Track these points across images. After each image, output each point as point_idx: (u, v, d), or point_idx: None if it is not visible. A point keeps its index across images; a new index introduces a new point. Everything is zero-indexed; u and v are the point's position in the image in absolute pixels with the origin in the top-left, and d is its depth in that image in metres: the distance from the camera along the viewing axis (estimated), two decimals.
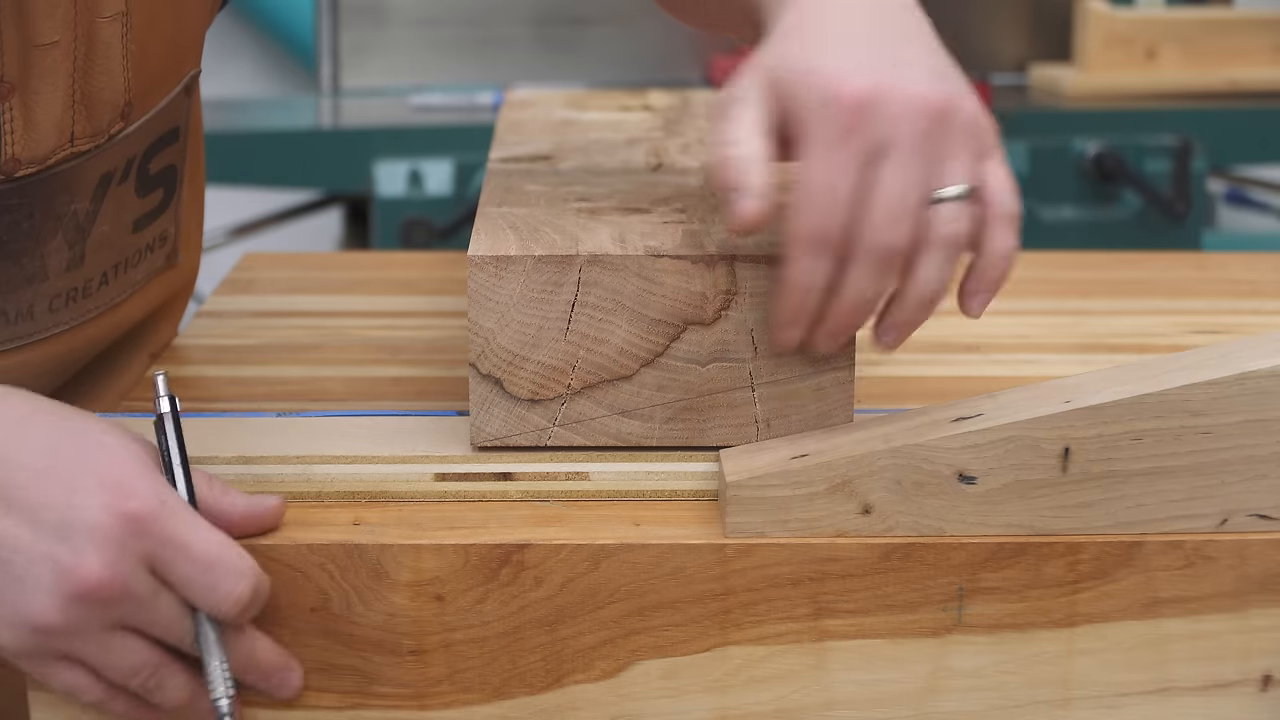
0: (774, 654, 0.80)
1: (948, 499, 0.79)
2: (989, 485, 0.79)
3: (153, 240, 1.04)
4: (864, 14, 0.81)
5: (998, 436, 0.79)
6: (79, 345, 1.03)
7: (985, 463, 0.79)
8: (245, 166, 2.46)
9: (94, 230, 0.98)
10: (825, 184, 0.76)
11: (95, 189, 0.97)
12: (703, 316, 0.83)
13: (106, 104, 0.94)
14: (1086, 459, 0.79)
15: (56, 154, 0.93)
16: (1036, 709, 0.81)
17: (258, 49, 3.65)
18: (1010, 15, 2.93)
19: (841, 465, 0.79)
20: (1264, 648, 0.81)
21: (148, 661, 0.76)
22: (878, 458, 0.79)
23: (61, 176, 0.95)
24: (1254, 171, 2.92)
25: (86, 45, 0.92)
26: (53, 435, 0.76)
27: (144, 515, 0.74)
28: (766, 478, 0.79)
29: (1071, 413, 0.79)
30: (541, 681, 0.80)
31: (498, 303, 0.82)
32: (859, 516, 0.80)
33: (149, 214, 1.03)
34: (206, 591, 0.75)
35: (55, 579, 0.73)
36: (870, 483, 0.79)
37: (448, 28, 2.85)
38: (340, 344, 1.12)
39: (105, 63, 0.93)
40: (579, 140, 1.15)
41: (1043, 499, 0.79)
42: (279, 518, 0.80)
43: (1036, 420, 0.79)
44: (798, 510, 0.79)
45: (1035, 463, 0.79)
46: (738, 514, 0.79)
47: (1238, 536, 0.80)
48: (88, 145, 0.94)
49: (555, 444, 0.85)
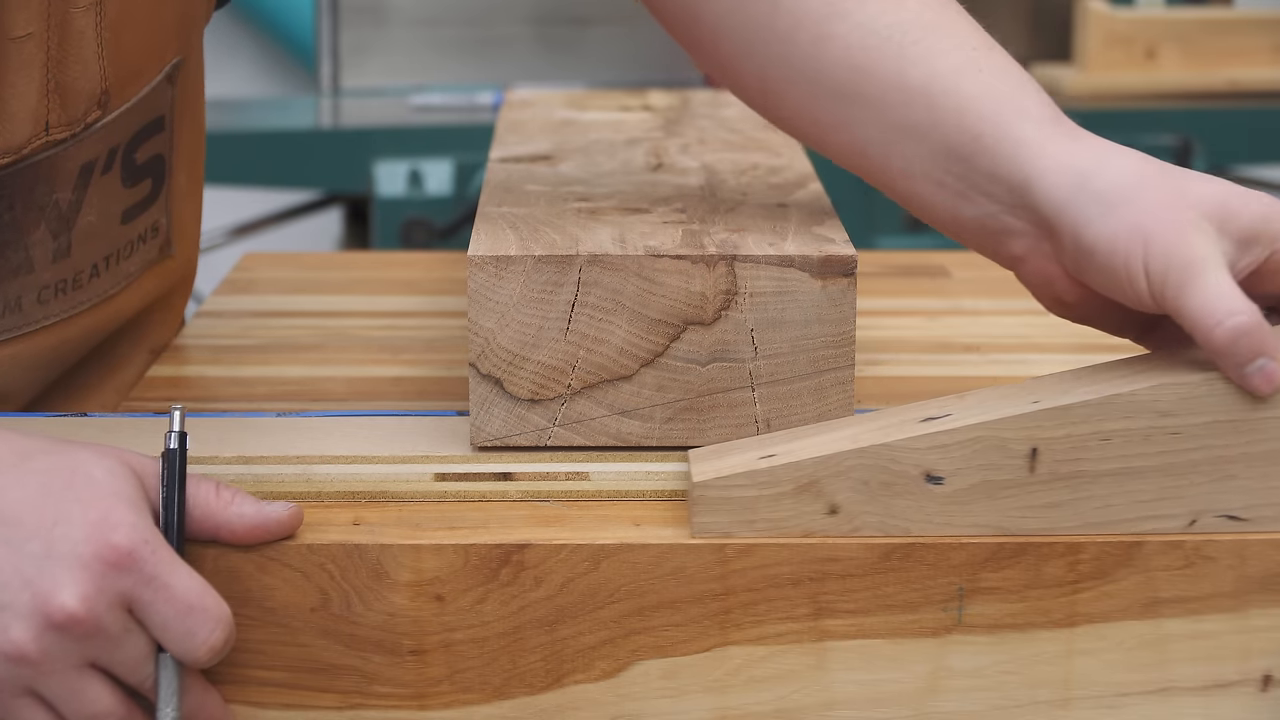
0: (774, 654, 0.80)
1: (915, 499, 0.79)
2: (956, 485, 0.79)
3: (144, 231, 1.04)
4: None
5: (965, 437, 0.79)
6: (72, 338, 1.03)
7: (952, 463, 0.79)
8: (245, 166, 2.47)
9: (79, 221, 0.98)
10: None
11: (77, 179, 0.97)
12: (703, 316, 0.83)
13: (82, 93, 0.94)
14: (1054, 459, 0.79)
15: (32, 143, 0.93)
16: (1036, 709, 0.81)
17: (258, 49, 3.65)
18: (1010, 15, 2.93)
19: (808, 465, 0.79)
20: (1264, 648, 0.81)
21: (112, 711, 0.75)
22: (845, 458, 0.79)
23: (40, 166, 0.94)
24: (1254, 171, 2.92)
25: (60, 35, 0.92)
26: (47, 471, 0.75)
27: (126, 552, 0.74)
28: (733, 478, 0.79)
29: (1039, 413, 0.79)
30: (541, 681, 0.80)
31: (498, 303, 0.82)
32: (826, 517, 0.79)
33: (138, 205, 1.03)
34: (184, 636, 0.75)
35: (33, 608, 0.73)
36: (837, 483, 0.79)
37: (448, 28, 2.85)
38: (340, 344, 1.12)
39: (79, 52, 0.93)
40: (579, 140, 1.15)
41: (1010, 499, 0.79)
42: (292, 527, 0.79)
43: (1004, 420, 0.79)
44: (764, 510, 0.79)
45: (1003, 463, 0.79)
46: (704, 514, 0.79)
47: (1237, 536, 0.80)
48: (64, 134, 0.94)
49: (555, 444, 0.85)
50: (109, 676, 0.75)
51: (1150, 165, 0.81)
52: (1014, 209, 0.83)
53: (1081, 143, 0.83)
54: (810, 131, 0.91)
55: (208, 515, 0.78)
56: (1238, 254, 0.79)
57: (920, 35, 0.86)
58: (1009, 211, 0.83)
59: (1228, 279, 0.77)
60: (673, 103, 1.32)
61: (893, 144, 0.86)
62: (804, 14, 0.88)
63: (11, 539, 0.74)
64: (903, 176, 0.87)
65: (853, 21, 0.87)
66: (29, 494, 0.74)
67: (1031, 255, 0.84)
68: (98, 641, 0.74)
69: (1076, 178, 0.80)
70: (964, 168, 0.84)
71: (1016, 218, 0.83)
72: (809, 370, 0.84)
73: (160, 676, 0.75)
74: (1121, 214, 0.78)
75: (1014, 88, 0.85)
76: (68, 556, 0.73)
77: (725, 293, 0.83)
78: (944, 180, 0.85)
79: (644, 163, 1.06)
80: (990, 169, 0.83)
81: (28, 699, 0.75)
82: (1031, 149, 0.82)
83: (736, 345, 0.83)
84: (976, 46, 0.87)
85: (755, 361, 0.84)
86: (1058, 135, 0.83)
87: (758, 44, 0.89)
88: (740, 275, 0.83)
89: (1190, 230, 0.78)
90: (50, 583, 0.73)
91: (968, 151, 0.84)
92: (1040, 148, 0.82)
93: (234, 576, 0.79)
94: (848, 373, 0.84)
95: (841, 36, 0.87)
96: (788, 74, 0.89)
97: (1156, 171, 0.81)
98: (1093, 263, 0.80)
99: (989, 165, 0.83)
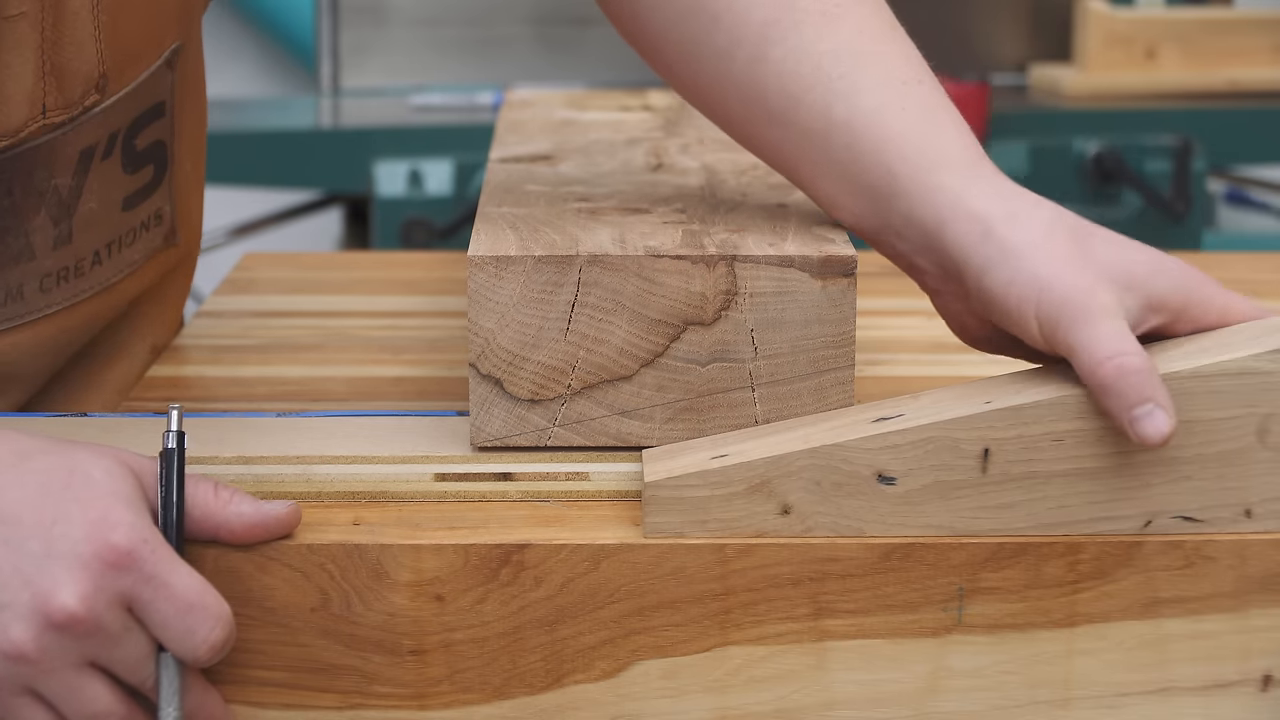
0: (774, 654, 0.80)
1: (866, 499, 0.79)
2: (908, 486, 0.79)
3: (147, 218, 1.04)
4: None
5: (917, 437, 0.79)
6: (74, 326, 1.03)
7: (904, 463, 0.79)
8: (245, 166, 2.47)
9: (80, 207, 0.98)
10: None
11: (76, 164, 0.97)
12: (703, 316, 0.83)
13: (78, 75, 0.94)
14: (1006, 460, 0.79)
15: (29, 126, 0.93)
16: (1036, 709, 0.81)
17: (258, 49, 3.65)
18: (1010, 15, 2.93)
19: (760, 465, 0.79)
20: (1264, 648, 0.81)
21: (112, 711, 0.75)
22: (796, 458, 0.79)
23: (38, 151, 0.94)
24: (1254, 171, 2.92)
25: (55, 15, 0.92)
26: (46, 471, 0.75)
27: (125, 551, 0.74)
28: (684, 478, 0.79)
29: (991, 413, 0.78)
30: (541, 681, 0.80)
31: (498, 303, 0.82)
32: (778, 517, 0.79)
33: (139, 191, 1.03)
34: (184, 634, 0.75)
35: (32, 607, 0.73)
36: (789, 483, 0.79)
37: (448, 28, 2.85)
38: (340, 344, 1.12)
39: (74, 33, 0.93)
40: (579, 140, 1.15)
41: (963, 500, 0.79)
42: (291, 525, 0.79)
43: (956, 421, 0.78)
44: (716, 510, 0.79)
45: (955, 463, 0.79)
46: (656, 514, 0.79)
47: (1237, 536, 0.80)
48: (61, 117, 0.94)
49: (555, 444, 0.85)
50: (109, 676, 0.75)
51: (1061, 221, 0.81)
52: (924, 250, 0.84)
53: (998, 192, 0.83)
54: (751, 146, 0.92)
55: (207, 515, 0.78)
56: (1142, 315, 0.79)
57: (849, 68, 0.87)
58: (920, 253, 0.85)
59: (1123, 326, 0.78)
60: (673, 103, 1.32)
61: (819, 174, 0.88)
62: (742, 33, 0.88)
63: (10, 538, 0.74)
64: (829, 205, 0.88)
65: (787, 47, 0.88)
66: (28, 494, 0.75)
67: (944, 294, 0.86)
68: (97, 640, 0.74)
69: (983, 226, 0.81)
70: (880, 206, 0.85)
71: (927, 260, 0.85)
72: (809, 370, 0.84)
73: (161, 676, 0.75)
74: (1021, 264, 0.79)
75: (936, 129, 0.86)
76: (67, 556, 0.73)
77: (725, 293, 0.83)
78: (863, 215, 0.86)
79: (644, 163, 1.06)
80: (906, 211, 0.84)
81: (27, 698, 0.75)
82: (946, 196, 0.83)
83: (736, 345, 0.83)
84: (906, 80, 0.87)
85: (755, 362, 0.84)
86: (977, 180, 0.83)
87: (696, 58, 0.90)
88: (740, 275, 0.83)
89: (1088, 283, 0.78)
90: (50, 582, 0.73)
91: (885, 192, 0.85)
92: (955, 196, 0.83)
93: (234, 576, 0.79)
94: (848, 373, 0.84)
95: (776, 61, 0.88)
96: (726, 89, 0.90)
97: (1066, 229, 0.81)
98: (992, 308, 0.81)
99: (905, 207, 0.84)
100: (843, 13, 0.88)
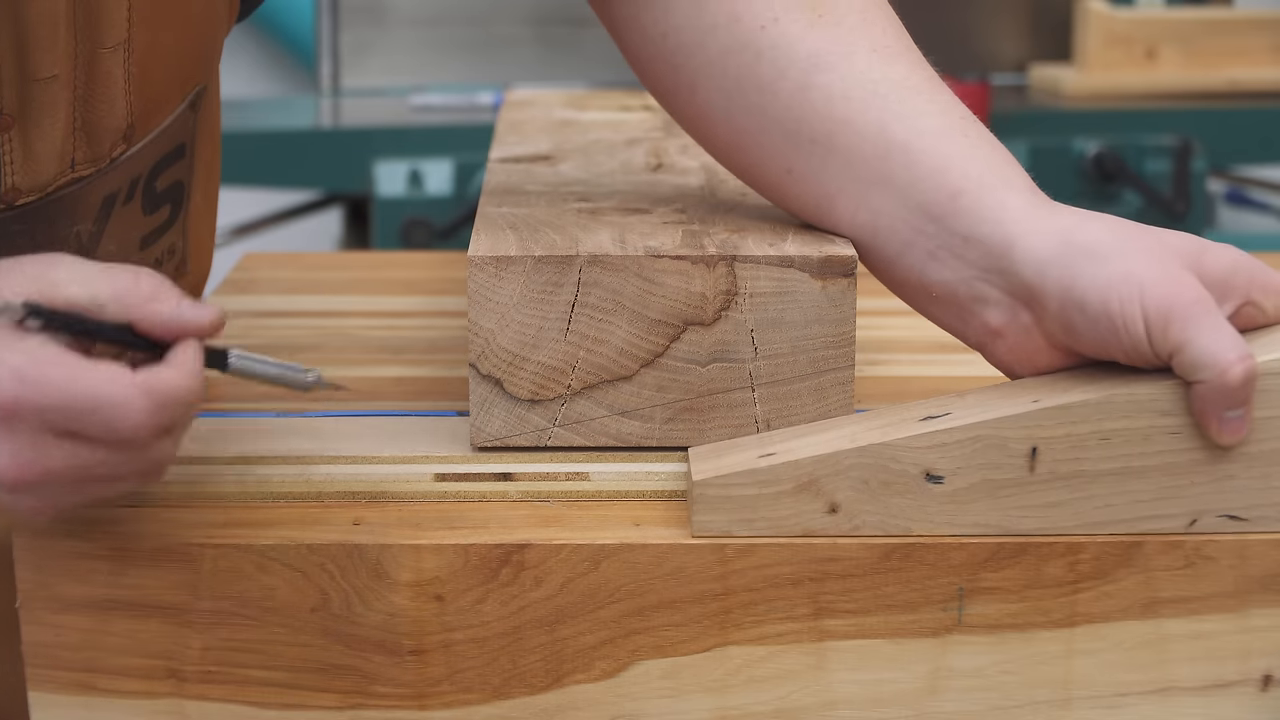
0: (774, 654, 0.80)
1: (915, 498, 0.79)
2: (956, 485, 0.79)
3: (161, 255, 1.04)
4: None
5: (965, 436, 0.79)
6: None
7: (952, 462, 0.79)
8: (245, 166, 2.46)
9: (99, 250, 0.98)
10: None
11: (99, 210, 0.96)
12: (703, 317, 0.83)
13: (108, 130, 0.93)
14: (1054, 459, 0.79)
15: (57, 181, 0.92)
16: (1036, 709, 0.81)
17: (258, 49, 3.65)
18: (1010, 15, 2.93)
19: (808, 464, 0.79)
20: (1264, 648, 0.81)
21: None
22: (844, 457, 0.79)
23: (63, 201, 0.94)
24: (1254, 171, 2.92)
25: (87, 76, 0.90)
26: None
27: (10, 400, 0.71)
28: (732, 476, 0.79)
29: (1039, 412, 0.79)
30: (541, 681, 0.80)
31: (498, 303, 0.83)
32: (825, 515, 0.80)
33: (156, 230, 1.02)
34: (108, 433, 0.72)
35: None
36: (837, 482, 0.79)
37: (448, 28, 2.85)
38: (340, 344, 1.12)
39: (106, 91, 0.92)
40: (579, 140, 1.15)
41: (1010, 499, 0.79)
42: (213, 329, 0.76)
43: (1004, 420, 0.79)
44: (764, 509, 0.79)
45: (1003, 462, 0.79)
46: (704, 513, 0.79)
47: (1237, 536, 0.80)
48: (89, 170, 0.94)
49: (555, 444, 0.85)
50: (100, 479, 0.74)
51: (1127, 223, 0.82)
52: (988, 274, 0.83)
53: (1061, 209, 0.83)
54: (779, 180, 0.90)
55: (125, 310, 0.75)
56: (1217, 303, 0.79)
57: (907, 95, 0.87)
58: (982, 277, 0.83)
59: (1227, 322, 0.78)
60: None
61: (864, 196, 0.86)
62: (788, 64, 0.88)
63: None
64: (870, 231, 0.86)
65: (837, 74, 0.87)
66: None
67: (1009, 329, 0.83)
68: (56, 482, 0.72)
69: (1060, 236, 0.81)
70: (937, 227, 0.84)
71: (990, 284, 0.83)
72: (809, 370, 0.84)
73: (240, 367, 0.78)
74: (1112, 264, 0.79)
75: (999, 158, 0.86)
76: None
77: (725, 293, 0.83)
78: (913, 239, 0.85)
79: (644, 163, 1.06)
80: (967, 231, 0.83)
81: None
82: (1013, 213, 0.82)
83: (736, 345, 0.83)
84: (964, 116, 0.87)
85: (755, 362, 0.84)
86: (1042, 203, 0.83)
87: (737, 94, 0.89)
88: (740, 275, 0.83)
89: (1183, 275, 0.78)
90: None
91: (944, 210, 0.84)
92: (1021, 213, 0.82)
93: (234, 576, 0.79)
94: (848, 373, 0.84)
95: (824, 87, 0.87)
96: (763, 123, 0.89)
97: (1135, 227, 0.81)
98: (1084, 317, 0.79)
99: (966, 227, 0.83)
100: (893, 55, 0.88)
